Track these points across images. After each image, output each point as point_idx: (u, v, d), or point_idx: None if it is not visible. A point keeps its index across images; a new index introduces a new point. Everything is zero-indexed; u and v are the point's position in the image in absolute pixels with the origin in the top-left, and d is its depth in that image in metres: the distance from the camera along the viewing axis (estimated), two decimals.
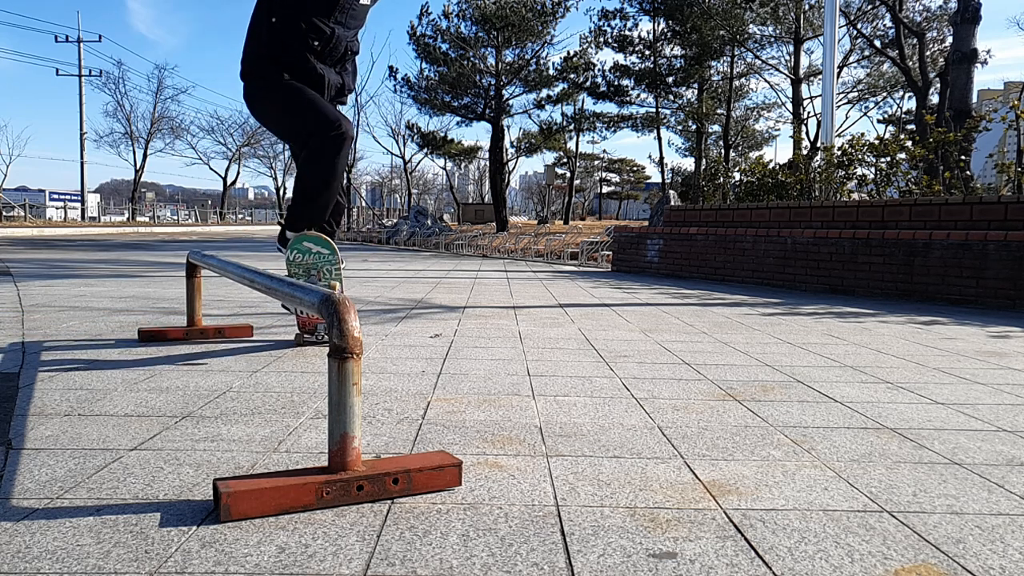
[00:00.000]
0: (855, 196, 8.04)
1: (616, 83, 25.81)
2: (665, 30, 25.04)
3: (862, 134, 8.13)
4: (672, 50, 25.64)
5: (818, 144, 15.20)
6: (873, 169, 7.87)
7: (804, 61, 24.41)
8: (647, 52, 25.41)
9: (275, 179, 58.93)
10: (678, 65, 25.52)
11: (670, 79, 25.67)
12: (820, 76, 15.38)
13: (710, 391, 2.33)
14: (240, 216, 68.44)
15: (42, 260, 8.92)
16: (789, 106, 26.79)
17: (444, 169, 47.54)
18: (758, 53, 25.48)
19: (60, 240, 16.73)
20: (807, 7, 23.28)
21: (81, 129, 40.30)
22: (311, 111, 2.81)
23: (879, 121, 37.00)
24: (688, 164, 43.10)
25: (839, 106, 27.88)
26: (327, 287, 2.93)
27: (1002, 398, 2.32)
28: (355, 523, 1.24)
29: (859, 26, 22.21)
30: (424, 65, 23.75)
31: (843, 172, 7.96)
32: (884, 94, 28.38)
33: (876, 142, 7.76)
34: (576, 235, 15.23)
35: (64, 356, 2.70)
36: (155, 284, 5.84)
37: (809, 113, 27.36)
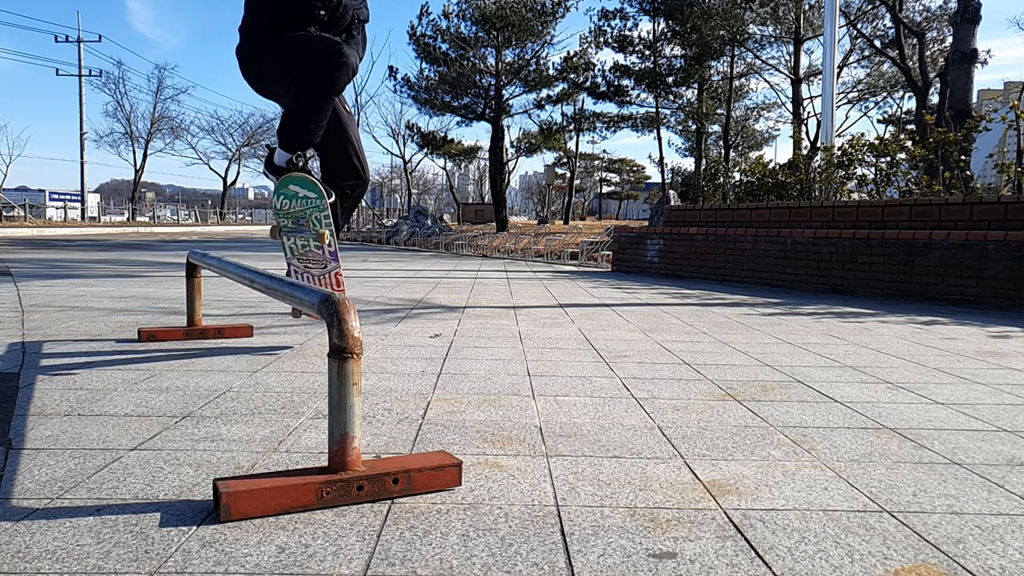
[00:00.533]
0: (855, 196, 8.04)
1: (616, 83, 25.81)
2: (665, 30, 25.04)
3: (862, 134, 8.13)
4: (672, 50, 25.64)
5: (818, 144, 15.21)
6: (873, 169, 7.86)
7: (804, 61, 24.42)
8: (647, 52, 25.41)
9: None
10: (678, 65, 25.52)
11: (670, 79, 25.68)
12: (820, 76, 15.38)
13: (710, 391, 2.33)
14: (240, 216, 68.45)
15: (42, 260, 8.92)
16: (789, 106, 26.80)
17: (444, 169, 47.52)
18: (758, 53, 25.49)
19: (60, 240, 16.74)
20: (807, 7, 23.29)
21: (81, 129, 40.31)
22: (309, 45, 2.59)
23: (879, 121, 37.00)
24: (688, 164, 43.11)
25: (839, 106, 27.89)
26: (317, 236, 2.78)
27: (1002, 398, 2.32)
28: (355, 523, 1.24)
29: (859, 26, 22.21)
30: (424, 65, 23.76)
31: (843, 172, 7.96)
32: (884, 94, 28.39)
33: (876, 142, 7.76)
34: (576, 235, 15.23)
35: (64, 356, 2.70)
36: (155, 284, 5.84)
37: (809, 113, 27.38)
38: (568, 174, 38.38)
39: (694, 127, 28.32)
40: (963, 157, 8.17)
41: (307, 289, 1.46)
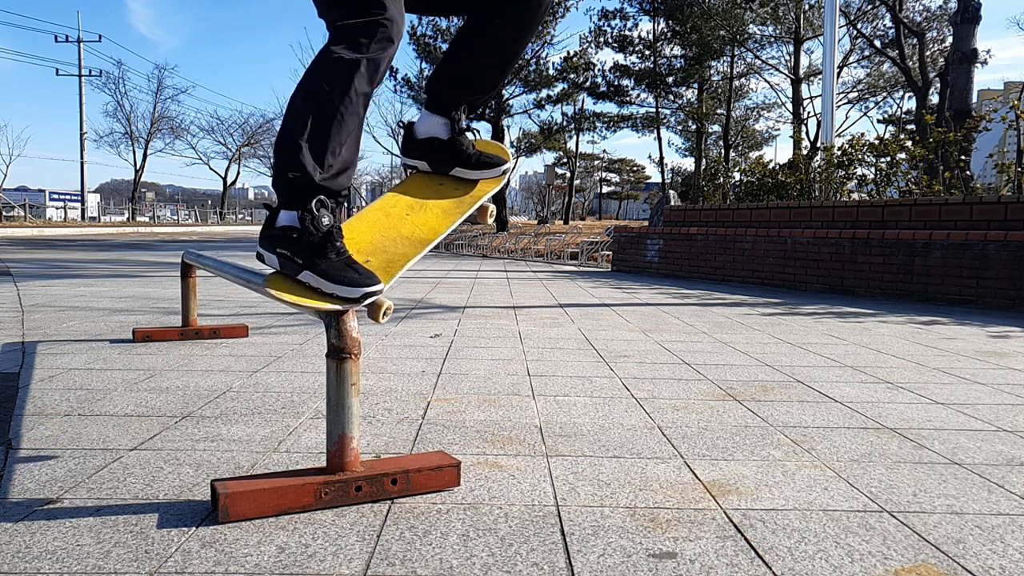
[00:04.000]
0: (855, 196, 8.04)
1: (616, 83, 25.82)
2: (665, 30, 25.06)
3: (862, 134, 8.13)
4: (672, 50, 25.67)
5: (818, 144, 15.21)
6: (873, 169, 7.86)
7: (804, 61, 24.43)
8: (647, 52, 25.42)
9: None
10: (678, 65, 25.54)
11: (670, 79, 25.69)
12: (820, 76, 15.39)
13: (710, 391, 2.33)
14: (240, 216, 68.42)
15: (42, 260, 8.91)
16: (789, 106, 26.80)
17: None
18: (758, 53, 25.49)
19: (60, 240, 16.73)
20: (807, 7, 23.29)
21: (81, 129, 40.31)
22: None
23: (879, 121, 37.01)
24: (688, 164, 43.10)
25: (839, 106, 27.89)
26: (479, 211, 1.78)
27: (1002, 398, 2.32)
28: (355, 523, 1.24)
29: (859, 26, 22.22)
30: (424, 65, 23.74)
31: (843, 172, 7.96)
32: (884, 94, 28.41)
33: (876, 142, 7.75)
34: (576, 235, 15.22)
35: (64, 356, 2.70)
36: (155, 284, 5.84)
37: (809, 113, 27.37)
38: (568, 174, 38.36)
39: (694, 127, 28.33)
40: (963, 157, 8.17)
41: None
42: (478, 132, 1.79)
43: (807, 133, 26.11)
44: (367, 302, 1.38)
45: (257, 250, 1.50)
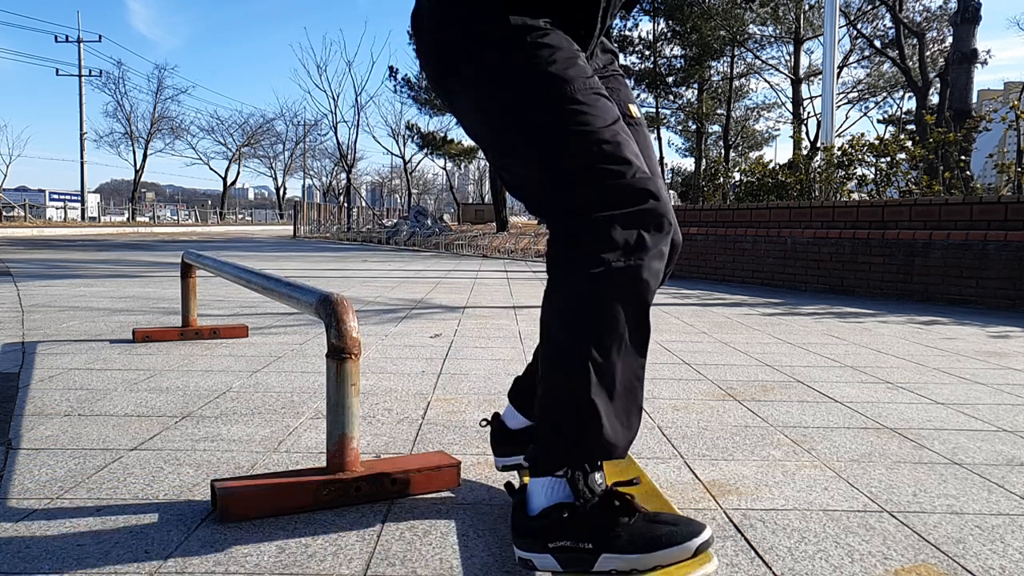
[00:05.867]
0: (855, 196, 8.04)
1: None
2: (665, 30, 25.08)
3: (862, 134, 8.13)
4: (672, 50, 25.69)
5: (818, 144, 15.21)
6: (873, 169, 7.86)
7: (804, 61, 24.46)
8: (647, 52, 25.44)
9: (275, 179, 58.92)
10: (678, 65, 25.56)
11: (670, 79, 25.71)
12: (820, 76, 15.41)
13: (710, 391, 2.33)
14: (240, 216, 68.37)
15: (42, 260, 8.91)
16: (789, 106, 26.84)
17: (444, 169, 47.53)
18: (758, 53, 25.52)
19: (60, 240, 16.73)
20: (807, 7, 23.32)
21: (81, 129, 40.31)
22: (584, 143, 1.04)
23: (879, 121, 37.04)
24: (688, 164, 43.09)
25: (839, 106, 27.92)
26: None
27: (1002, 398, 2.32)
28: (355, 523, 1.24)
29: (859, 26, 22.24)
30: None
31: (843, 172, 7.96)
32: (884, 94, 28.44)
33: (876, 142, 7.75)
34: None
35: (64, 356, 2.70)
36: (155, 284, 5.84)
37: (809, 113, 27.40)
38: None
39: (694, 127, 28.35)
40: (963, 157, 8.17)
41: (304, 289, 1.46)
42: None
43: (807, 133, 26.14)
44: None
45: (518, 557, 1.03)
